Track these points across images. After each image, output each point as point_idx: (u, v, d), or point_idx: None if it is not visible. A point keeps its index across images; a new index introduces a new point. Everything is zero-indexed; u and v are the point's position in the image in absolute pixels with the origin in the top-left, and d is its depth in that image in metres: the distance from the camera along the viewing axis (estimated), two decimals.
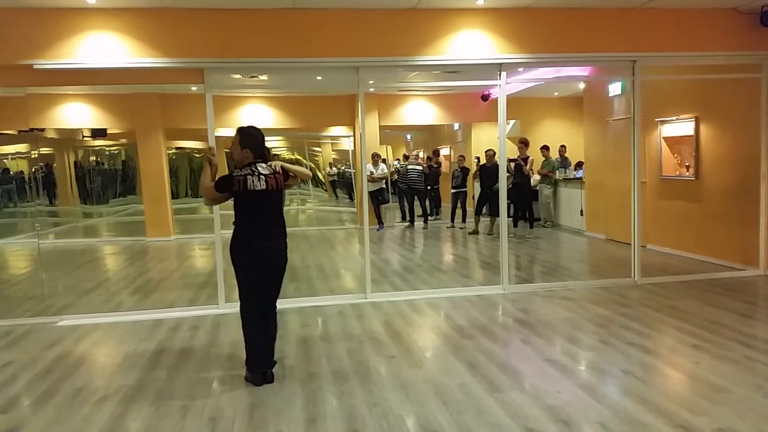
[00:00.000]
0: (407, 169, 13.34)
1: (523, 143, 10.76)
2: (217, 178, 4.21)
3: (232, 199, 4.18)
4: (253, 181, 4.09)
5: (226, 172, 4.25)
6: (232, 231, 4.19)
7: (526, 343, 4.97)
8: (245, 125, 4.30)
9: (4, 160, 12.91)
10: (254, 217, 4.15)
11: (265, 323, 4.29)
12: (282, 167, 4.26)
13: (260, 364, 4.22)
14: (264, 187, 4.11)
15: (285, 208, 13.44)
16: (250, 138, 4.19)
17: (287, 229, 4.32)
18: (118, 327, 5.83)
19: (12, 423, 3.72)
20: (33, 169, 12.64)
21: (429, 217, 13.35)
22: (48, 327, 5.89)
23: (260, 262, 4.17)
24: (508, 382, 4.12)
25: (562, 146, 12.63)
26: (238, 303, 4.33)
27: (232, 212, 4.20)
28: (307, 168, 9.73)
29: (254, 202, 4.13)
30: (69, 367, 4.72)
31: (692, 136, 8.25)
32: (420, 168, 13.23)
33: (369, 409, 3.74)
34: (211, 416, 3.71)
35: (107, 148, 15.68)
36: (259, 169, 4.13)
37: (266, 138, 4.35)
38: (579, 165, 12.12)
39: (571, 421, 3.46)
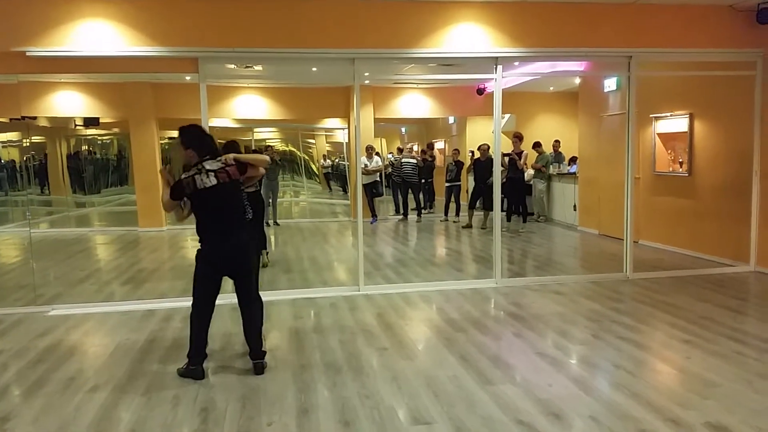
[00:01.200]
0: (401, 162, 13.32)
1: (517, 138, 10.77)
2: (170, 189, 4.09)
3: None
4: (202, 180, 4.00)
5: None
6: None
7: (518, 336, 4.99)
8: (186, 125, 4.19)
9: None
10: (210, 215, 4.10)
11: (249, 314, 4.32)
12: (235, 159, 4.12)
13: (200, 358, 4.18)
14: (214, 182, 4.01)
15: (279, 199, 13.33)
16: (191, 137, 4.12)
17: (279, 221, 4.31)
18: (109, 317, 5.81)
19: (3, 412, 3.70)
20: (24, 158, 12.53)
21: (422, 211, 13.36)
22: (39, 316, 5.86)
23: (222, 264, 4.18)
24: (500, 375, 4.13)
25: (556, 141, 12.65)
26: (233, 295, 4.32)
27: None
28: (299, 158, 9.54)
29: (208, 201, 4.05)
30: (60, 356, 4.70)
31: (686, 132, 8.28)
32: (414, 161, 13.23)
33: (361, 400, 3.75)
34: (203, 406, 3.71)
35: (100, 137, 15.56)
36: (206, 166, 4.03)
37: (260, 129, 4.33)
38: (573, 160, 12.15)
39: (562, 415, 3.48)
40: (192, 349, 4.19)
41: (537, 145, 12.09)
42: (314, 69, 8.01)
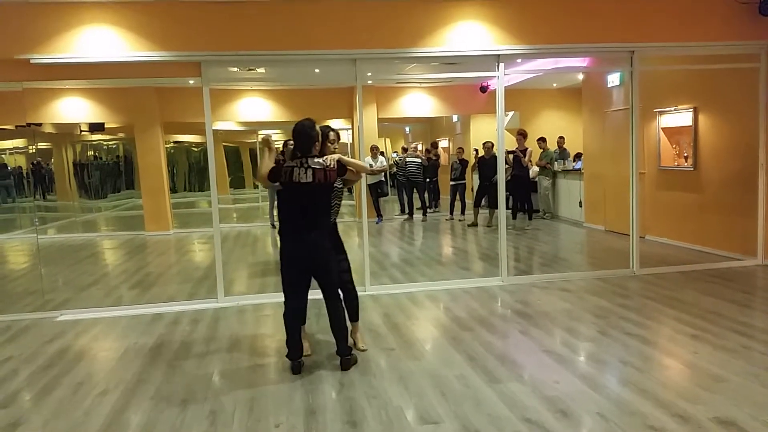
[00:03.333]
0: (406, 162, 13.32)
1: (522, 135, 10.75)
2: (270, 170, 4.23)
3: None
4: (299, 173, 4.11)
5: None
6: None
7: (524, 334, 4.98)
8: (302, 120, 4.28)
9: (2, 156, 12.87)
10: (293, 208, 4.21)
11: (330, 312, 4.38)
12: (339, 160, 4.26)
13: (292, 354, 4.28)
14: (310, 179, 4.11)
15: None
16: (295, 133, 4.23)
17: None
18: (118, 321, 5.84)
19: (13, 417, 3.74)
20: (31, 164, 12.61)
21: (428, 210, 13.35)
22: (48, 322, 5.91)
23: (294, 254, 4.24)
24: (507, 373, 4.13)
25: (561, 137, 12.61)
26: (240, 297, 4.35)
27: (230, 206, 4.23)
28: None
29: (296, 194, 4.16)
30: (69, 361, 4.73)
31: (691, 126, 8.25)
32: (419, 160, 13.22)
33: (368, 400, 3.76)
34: (211, 409, 3.73)
35: (105, 143, 15.64)
36: (309, 162, 4.14)
37: (264, 131, 4.37)
38: (578, 156, 12.11)
39: (570, 412, 3.48)
40: (287, 346, 4.32)
41: (541, 140, 12.07)
42: (317, 70, 8.01)
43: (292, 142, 4.37)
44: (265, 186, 4.38)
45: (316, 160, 4.17)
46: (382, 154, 13.50)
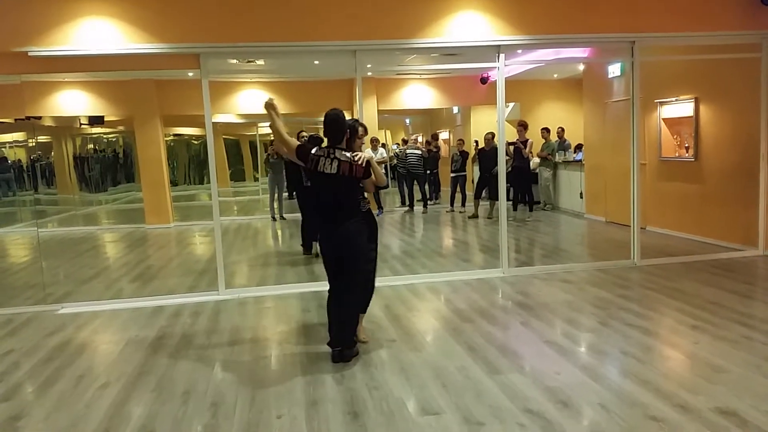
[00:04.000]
0: (406, 154, 13.30)
1: (522, 126, 10.72)
2: (299, 146, 4.30)
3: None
4: (324, 163, 4.14)
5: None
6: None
7: (525, 325, 4.99)
8: (333, 109, 4.27)
9: (2, 149, 12.86)
10: (323, 198, 4.24)
11: (332, 301, 4.41)
12: (369, 161, 4.22)
13: (334, 342, 4.32)
14: (334, 171, 4.13)
15: (284, 193, 13.27)
16: (328, 120, 4.23)
17: (286, 215, 4.34)
18: (118, 314, 5.85)
19: (15, 410, 3.74)
20: (31, 157, 12.60)
21: (428, 202, 13.34)
22: (49, 315, 5.91)
23: (325, 242, 4.32)
24: (508, 364, 4.14)
25: (560, 128, 12.58)
26: (241, 289, 4.35)
27: (230, 199, 4.23)
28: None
29: (323, 184, 4.20)
30: (70, 354, 4.74)
31: (692, 116, 8.22)
32: (419, 152, 13.20)
33: (369, 392, 3.76)
34: (212, 401, 3.73)
35: (105, 136, 15.62)
36: (336, 153, 4.15)
37: (264, 123, 4.37)
38: (578, 147, 12.08)
39: (571, 402, 3.48)
40: (328, 333, 4.39)
41: (545, 130, 12.04)
42: (316, 62, 7.97)
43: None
44: (285, 153, 4.40)
45: (344, 152, 4.16)
46: (383, 146, 13.47)
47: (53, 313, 5.98)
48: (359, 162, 4.15)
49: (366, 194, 4.52)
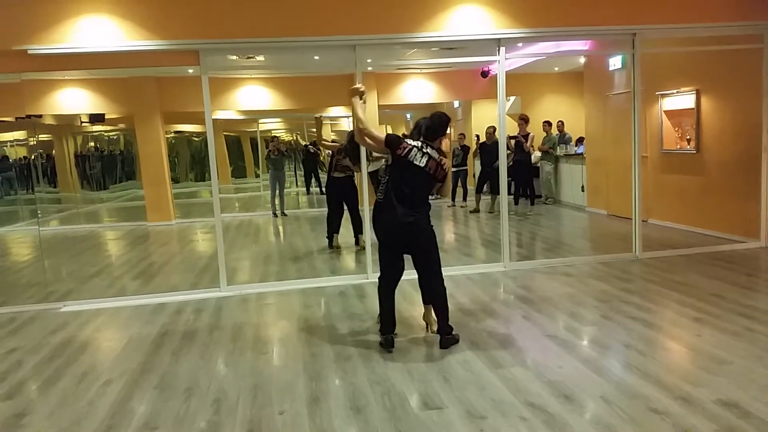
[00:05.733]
0: None
1: (523, 120, 10.70)
2: (388, 135, 4.39)
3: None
4: (415, 155, 4.23)
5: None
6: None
7: (527, 319, 4.98)
8: (439, 111, 4.46)
9: (3, 148, 12.87)
10: (401, 186, 4.25)
11: (425, 291, 4.54)
12: (444, 166, 4.36)
13: (385, 328, 4.40)
14: (423, 164, 4.23)
15: (285, 190, 13.35)
16: (437, 118, 4.34)
17: (287, 211, 4.34)
18: (121, 312, 5.86)
19: (19, 408, 3.75)
20: (32, 156, 12.61)
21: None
22: (51, 313, 5.92)
23: (385, 232, 4.34)
24: (510, 358, 4.14)
25: (560, 122, 12.55)
26: (243, 286, 4.35)
27: (231, 196, 4.23)
28: None
29: (406, 173, 4.24)
30: (73, 352, 4.75)
31: (693, 109, 8.19)
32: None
33: (371, 387, 3.77)
34: (215, 397, 3.74)
35: (106, 134, 15.62)
36: (428, 150, 4.27)
37: (264, 119, 4.38)
38: (580, 141, 12.06)
39: (573, 396, 3.49)
40: (380, 321, 4.51)
41: (547, 123, 12.01)
42: (316, 57, 7.97)
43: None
44: (366, 143, 4.44)
45: (435, 150, 4.30)
46: None
47: (56, 311, 5.99)
48: (444, 165, 4.33)
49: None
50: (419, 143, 4.29)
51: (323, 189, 11.82)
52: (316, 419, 3.38)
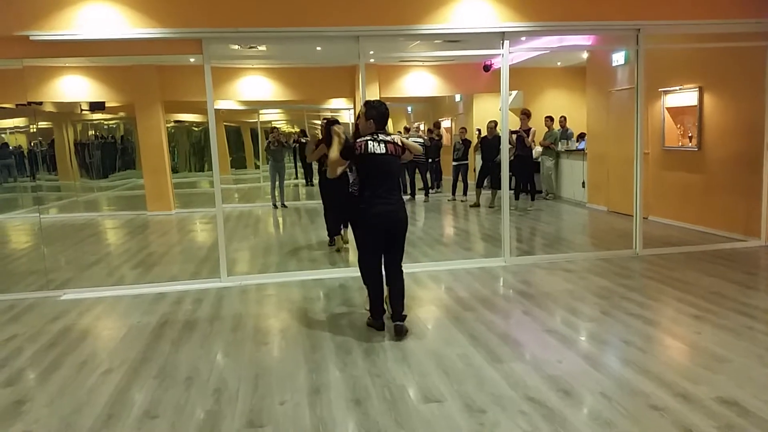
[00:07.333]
0: None
1: (525, 115, 10.67)
2: (339, 152, 4.60)
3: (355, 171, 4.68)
4: (373, 146, 4.47)
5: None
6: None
7: (527, 314, 4.99)
8: (373, 100, 4.70)
9: (2, 135, 12.84)
10: (378, 177, 4.50)
11: (391, 280, 4.67)
12: (402, 141, 4.63)
13: (380, 312, 4.66)
14: (383, 151, 4.47)
15: (285, 182, 13.38)
16: (374, 110, 4.56)
17: (287, 203, 4.40)
18: (121, 300, 5.86)
19: (18, 395, 3.76)
20: (32, 144, 12.58)
21: (430, 190, 13.32)
22: (51, 301, 5.92)
23: (379, 223, 4.50)
24: (509, 352, 4.14)
25: (562, 117, 12.53)
26: (243, 276, 4.33)
27: (231, 186, 4.22)
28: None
29: (374, 165, 4.48)
30: (73, 340, 4.75)
31: (696, 106, 8.17)
32: (421, 140, 13.14)
33: (372, 379, 3.77)
34: (215, 387, 3.75)
35: (106, 122, 15.58)
36: (380, 136, 4.53)
37: (265, 110, 4.40)
38: (581, 136, 12.04)
39: (572, 391, 3.49)
40: (372, 307, 4.72)
41: (549, 119, 11.99)
42: (318, 48, 7.93)
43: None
44: (332, 169, 4.68)
45: (385, 135, 4.56)
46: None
47: (55, 299, 5.99)
48: (397, 141, 4.57)
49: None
50: (369, 136, 4.51)
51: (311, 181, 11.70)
52: (316, 410, 3.39)
